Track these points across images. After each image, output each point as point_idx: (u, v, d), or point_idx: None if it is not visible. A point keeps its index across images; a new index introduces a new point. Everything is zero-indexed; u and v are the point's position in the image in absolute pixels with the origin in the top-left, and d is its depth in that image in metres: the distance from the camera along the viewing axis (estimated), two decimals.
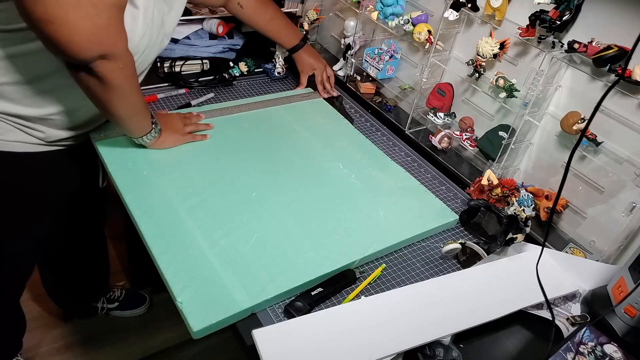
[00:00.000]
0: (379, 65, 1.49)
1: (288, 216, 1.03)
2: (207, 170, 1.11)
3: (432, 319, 0.85)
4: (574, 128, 1.04)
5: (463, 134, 1.30)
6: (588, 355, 0.84)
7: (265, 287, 0.87)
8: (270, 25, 1.42)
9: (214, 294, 0.85)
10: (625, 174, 1.00)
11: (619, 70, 0.94)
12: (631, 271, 0.88)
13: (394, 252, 1.03)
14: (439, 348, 0.82)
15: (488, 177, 1.14)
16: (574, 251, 1.08)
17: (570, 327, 0.91)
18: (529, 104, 1.09)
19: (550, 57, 1.05)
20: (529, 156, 1.22)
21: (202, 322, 0.80)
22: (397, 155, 1.33)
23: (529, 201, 1.06)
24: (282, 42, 1.46)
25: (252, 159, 1.17)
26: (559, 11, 1.03)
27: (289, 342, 0.76)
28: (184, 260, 0.89)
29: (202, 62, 1.49)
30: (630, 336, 0.87)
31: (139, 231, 0.95)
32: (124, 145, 1.12)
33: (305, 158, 1.20)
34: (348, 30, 1.54)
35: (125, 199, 0.99)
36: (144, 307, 1.80)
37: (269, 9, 1.41)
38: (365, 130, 1.40)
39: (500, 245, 1.02)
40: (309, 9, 1.65)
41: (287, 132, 1.29)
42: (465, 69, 1.25)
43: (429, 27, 1.29)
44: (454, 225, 1.12)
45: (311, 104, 1.43)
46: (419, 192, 1.17)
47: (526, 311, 0.93)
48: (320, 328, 0.79)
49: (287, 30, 1.45)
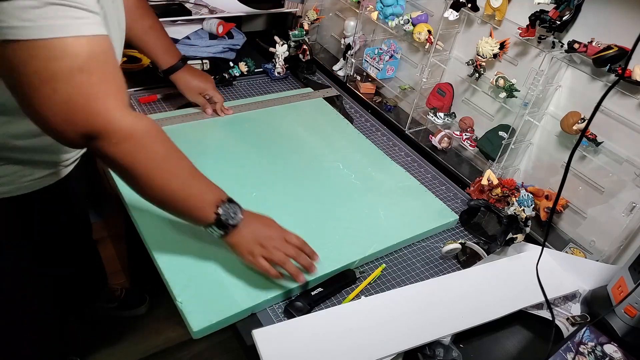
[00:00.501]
0: (379, 65, 1.49)
1: (288, 216, 1.02)
2: (207, 170, 1.10)
3: (432, 319, 0.85)
4: (574, 128, 1.04)
5: (463, 134, 1.30)
6: (588, 355, 0.84)
7: (265, 287, 0.87)
8: (147, 36, 1.16)
9: (214, 294, 0.85)
10: (625, 174, 1.00)
11: (619, 70, 0.94)
12: (631, 271, 0.88)
13: (394, 252, 1.03)
14: (439, 348, 0.82)
15: (488, 177, 1.14)
16: (574, 251, 1.08)
17: (570, 327, 0.91)
18: (529, 104, 1.09)
19: (550, 57, 1.05)
20: (529, 156, 1.22)
21: (202, 322, 0.80)
22: (397, 155, 1.33)
23: (529, 201, 1.06)
24: (158, 58, 1.20)
25: (252, 159, 1.17)
26: (559, 11, 1.03)
27: (289, 342, 0.76)
28: (184, 260, 0.89)
29: (202, 62, 1.49)
30: (630, 336, 0.87)
31: (139, 231, 0.95)
32: None
33: (305, 158, 1.20)
34: (348, 30, 1.54)
35: (125, 199, 0.99)
36: (144, 306, 1.80)
37: (149, 16, 1.16)
38: (365, 130, 1.40)
39: (500, 245, 1.02)
40: (309, 9, 1.65)
41: (287, 132, 1.29)
42: (465, 69, 1.25)
43: (429, 27, 1.29)
44: (454, 225, 1.12)
45: (311, 104, 1.43)
46: (419, 192, 1.17)
47: (526, 311, 0.93)
48: (320, 328, 0.79)
49: (166, 46, 1.20)
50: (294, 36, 1.56)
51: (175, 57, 1.22)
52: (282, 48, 1.49)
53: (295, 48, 1.57)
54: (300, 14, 1.72)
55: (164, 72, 1.23)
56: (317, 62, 1.67)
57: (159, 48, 1.19)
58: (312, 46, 1.68)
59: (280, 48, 1.50)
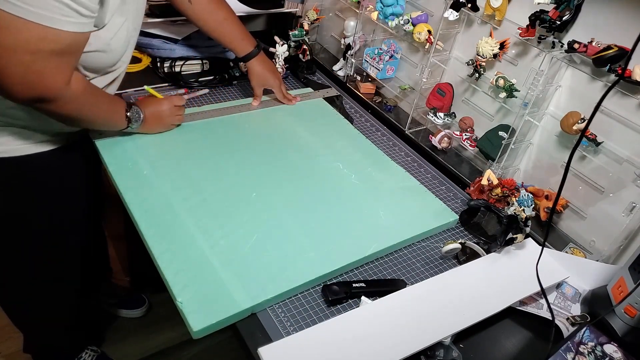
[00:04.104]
0: (379, 65, 1.49)
1: (288, 216, 1.03)
2: (207, 170, 1.11)
3: (434, 320, 0.85)
4: (574, 128, 1.04)
5: (463, 134, 1.30)
6: (588, 355, 0.84)
7: (265, 287, 0.87)
8: (221, 28, 1.28)
9: (214, 294, 0.85)
10: (625, 174, 1.00)
11: (619, 70, 0.94)
12: (631, 271, 0.88)
13: (394, 252, 1.03)
14: (440, 348, 0.82)
15: (488, 177, 1.14)
16: (574, 251, 1.08)
17: (570, 327, 0.91)
18: (529, 104, 1.09)
19: (550, 57, 1.05)
20: (529, 156, 1.22)
21: (202, 322, 0.80)
22: (397, 155, 1.33)
23: (529, 201, 1.06)
24: (234, 48, 1.31)
25: (252, 159, 1.17)
26: (559, 11, 1.03)
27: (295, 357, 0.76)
28: (184, 260, 0.89)
29: (202, 62, 1.49)
30: (630, 336, 0.87)
31: (139, 231, 0.95)
32: (124, 144, 1.12)
33: (305, 158, 1.20)
34: (348, 30, 1.54)
35: (125, 199, 0.99)
36: (142, 309, 1.80)
37: (221, 9, 1.27)
38: (365, 130, 1.40)
39: (500, 245, 1.02)
40: (309, 9, 1.65)
41: (287, 132, 1.29)
42: (465, 69, 1.25)
43: (429, 27, 1.29)
44: (454, 225, 1.12)
45: (311, 104, 1.43)
46: (419, 192, 1.17)
47: (526, 311, 0.93)
48: (326, 339, 0.79)
49: (241, 36, 1.30)
50: (294, 36, 1.56)
51: (250, 45, 1.31)
52: (282, 48, 1.49)
53: (295, 48, 1.57)
54: (300, 14, 1.72)
55: (241, 60, 1.33)
56: (317, 62, 1.67)
57: (234, 38, 1.30)
58: (312, 46, 1.68)
59: (280, 48, 1.50)
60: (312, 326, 0.82)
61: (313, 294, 0.91)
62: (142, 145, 1.13)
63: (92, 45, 0.92)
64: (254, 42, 1.32)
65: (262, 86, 1.36)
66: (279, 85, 1.37)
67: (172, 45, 1.44)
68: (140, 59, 1.46)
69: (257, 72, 1.33)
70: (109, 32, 0.94)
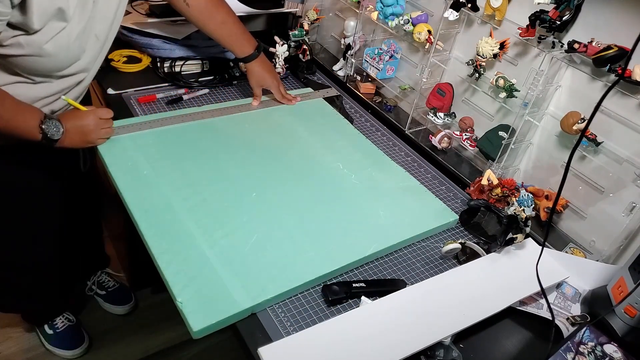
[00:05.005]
0: (379, 65, 1.49)
1: (288, 216, 1.03)
2: (207, 170, 1.11)
3: (434, 320, 0.85)
4: (574, 128, 1.04)
5: (463, 134, 1.30)
6: (588, 355, 0.84)
7: (265, 287, 0.87)
8: (221, 30, 1.28)
9: (214, 294, 0.85)
10: (625, 174, 1.00)
11: (619, 70, 0.94)
12: (631, 271, 0.88)
13: (394, 252, 1.03)
14: (440, 348, 0.82)
15: (488, 177, 1.14)
16: (574, 251, 1.08)
17: (570, 327, 0.91)
18: (529, 104, 1.09)
19: (550, 57, 1.05)
20: (529, 156, 1.22)
21: (202, 322, 0.80)
22: (397, 155, 1.33)
23: (529, 201, 1.06)
24: (233, 50, 1.31)
25: (252, 159, 1.17)
26: (559, 11, 1.03)
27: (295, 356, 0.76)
28: (184, 260, 0.89)
29: (202, 62, 1.49)
30: (630, 336, 0.87)
31: (139, 231, 0.95)
32: (124, 145, 1.12)
33: (305, 158, 1.20)
34: (348, 30, 1.54)
35: (125, 199, 0.99)
36: (128, 306, 1.79)
37: (220, 11, 1.27)
38: (365, 130, 1.40)
39: (500, 245, 1.02)
40: (309, 9, 1.65)
41: (287, 132, 1.29)
42: (465, 69, 1.25)
43: (429, 27, 1.29)
44: (454, 225, 1.12)
45: (311, 104, 1.43)
46: (419, 192, 1.17)
47: (526, 311, 0.93)
48: (326, 339, 0.79)
49: (241, 37, 1.30)
50: (294, 36, 1.56)
51: (250, 47, 1.31)
52: (282, 48, 1.49)
53: (295, 48, 1.57)
54: (300, 14, 1.72)
55: (242, 61, 1.33)
56: (317, 62, 1.67)
57: (233, 40, 1.30)
58: (312, 46, 1.68)
59: (280, 48, 1.50)
60: (312, 326, 0.82)
61: (313, 294, 0.91)
62: (142, 145, 1.13)
63: (25, 48, 0.92)
64: (254, 43, 1.32)
65: (260, 86, 1.36)
66: (276, 86, 1.36)
67: (172, 45, 1.45)
68: (140, 59, 1.46)
69: (255, 72, 1.33)
70: (43, 36, 0.94)
